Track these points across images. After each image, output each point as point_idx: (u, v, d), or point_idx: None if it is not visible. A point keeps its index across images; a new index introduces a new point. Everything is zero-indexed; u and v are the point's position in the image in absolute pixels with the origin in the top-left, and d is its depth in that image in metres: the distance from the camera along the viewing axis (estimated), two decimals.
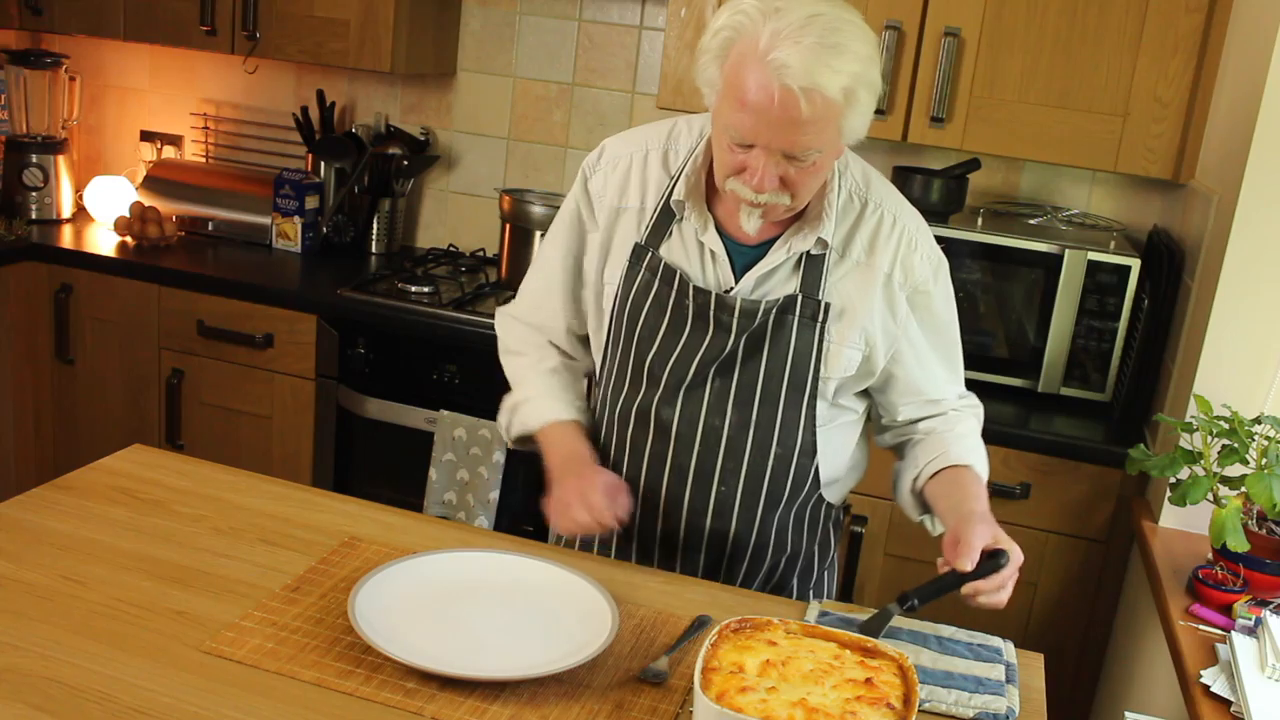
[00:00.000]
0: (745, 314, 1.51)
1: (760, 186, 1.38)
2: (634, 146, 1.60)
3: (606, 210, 1.60)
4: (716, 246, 1.52)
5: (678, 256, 1.55)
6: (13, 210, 3.22)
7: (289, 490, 1.71)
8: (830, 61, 1.28)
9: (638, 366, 1.59)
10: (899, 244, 1.53)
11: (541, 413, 1.67)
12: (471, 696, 1.24)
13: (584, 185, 1.63)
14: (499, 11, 3.16)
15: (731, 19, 1.35)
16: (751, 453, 1.57)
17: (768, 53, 1.29)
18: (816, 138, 1.34)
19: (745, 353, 1.53)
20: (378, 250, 3.24)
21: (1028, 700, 1.35)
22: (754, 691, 1.14)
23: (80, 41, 3.42)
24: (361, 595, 1.35)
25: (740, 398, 1.55)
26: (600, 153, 1.63)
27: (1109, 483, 2.33)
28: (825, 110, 1.31)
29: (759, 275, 1.51)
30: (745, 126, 1.35)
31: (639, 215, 1.58)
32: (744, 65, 1.32)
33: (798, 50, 1.28)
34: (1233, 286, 2.06)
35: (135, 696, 1.18)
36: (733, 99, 1.35)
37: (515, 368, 1.75)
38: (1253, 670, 1.56)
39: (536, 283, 1.72)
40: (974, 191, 2.78)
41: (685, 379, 1.56)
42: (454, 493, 2.68)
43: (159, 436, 2.97)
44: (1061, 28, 2.40)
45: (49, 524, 1.52)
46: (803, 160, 1.36)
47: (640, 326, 1.58)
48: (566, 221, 1.66)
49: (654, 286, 1.55)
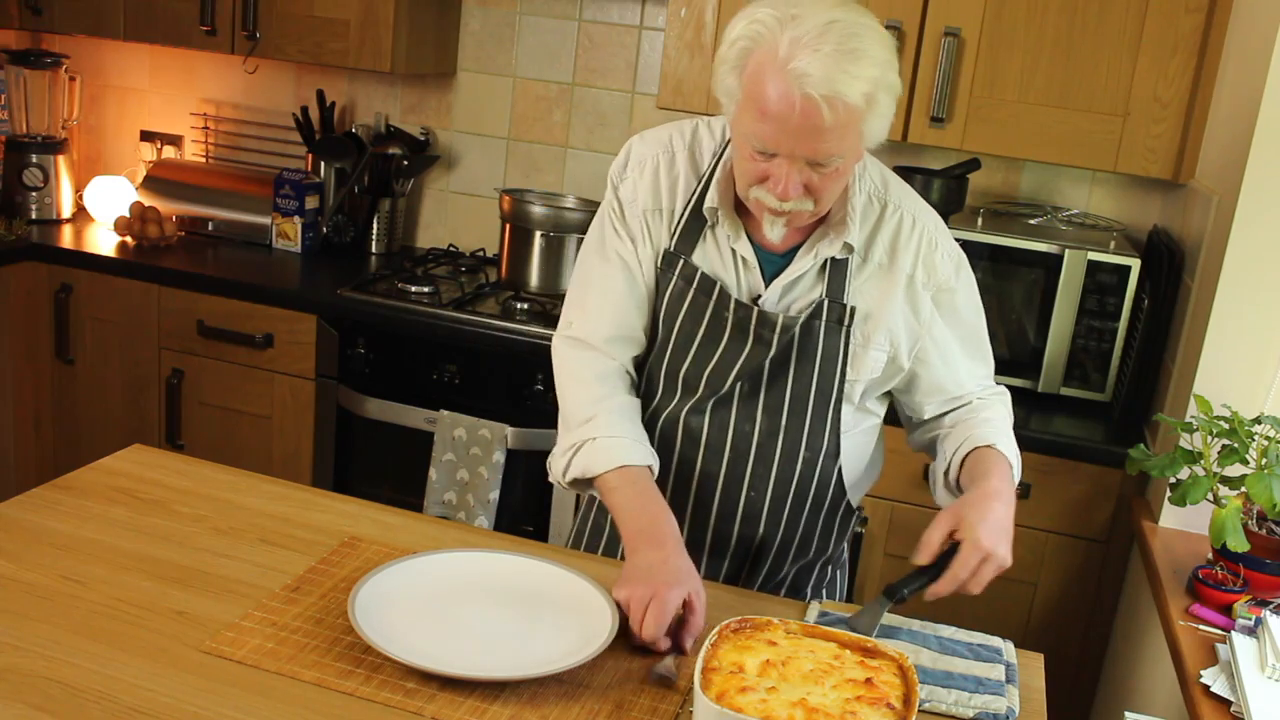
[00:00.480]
0: (786, 329, 1.51)
1: (785, 194, 1.37)
2: (660, 148, 1.58)
3: (639, 215, 1.57)
4: (749, 254, 1.51)
5: (714, 265, 1.54)
6: (13, 210, 3.22)
7: (289, 490, 1.71)
8: (850, 68, 1.28)
9: (671, 375, 1.59)
10: (919, 244, 1.53)
11: (611, 455, 1.50)
12: (471, 696, 1.24)
13: (614, 193, 1.59)
14: (499, 11, 3.16)
15: (749, 28, 1.34)
16: (780, 458, 1.58)
17: (788, 61, 1.29)
18: (839, 144, 1.34)
19: (775, 360, 1.53)
20: (378, 250, 3.24)
21: (1028, 700, 1.35)
22: (754, 691, 1.14)
23: (80, 41, 3.42)
24: (361, 595, 1.35)
25: (770, 404, 1.55)
26: (626, 157, 1.60)
27: (1109, 483, 2.33)
28: (847, 116, 1.31)
29: (785, 283, 1.51)
30: (767, 135, 1.34)
31: (669, 219, 1.56)
32: (763, 74, 1.32)
33: (817, 58, 1.28)
34: (1233, 286, 2.06)
35: (135, 696, 1.18)
36: (753, 109, 1.34)
37: (578, 400, 1.56)
38: (1253, 670, 1.56)
39: (596, 298, 1.58)
40: (974, 191, 2.78)
41: (720, 389, 1.55)
42: (454, 493, 2.68)
43: (159, 436, 2.97)
44: (1061, 28, 2.40)
45: (49, 524, 1.52)
46: (826, 166, 1.36)
47: (675, 335, 1.57)
48: (609, 229, 1.59)
49: (689, 295, 1.54)
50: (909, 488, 2.42)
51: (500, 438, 2.62)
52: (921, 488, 2.42)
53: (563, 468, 1.55)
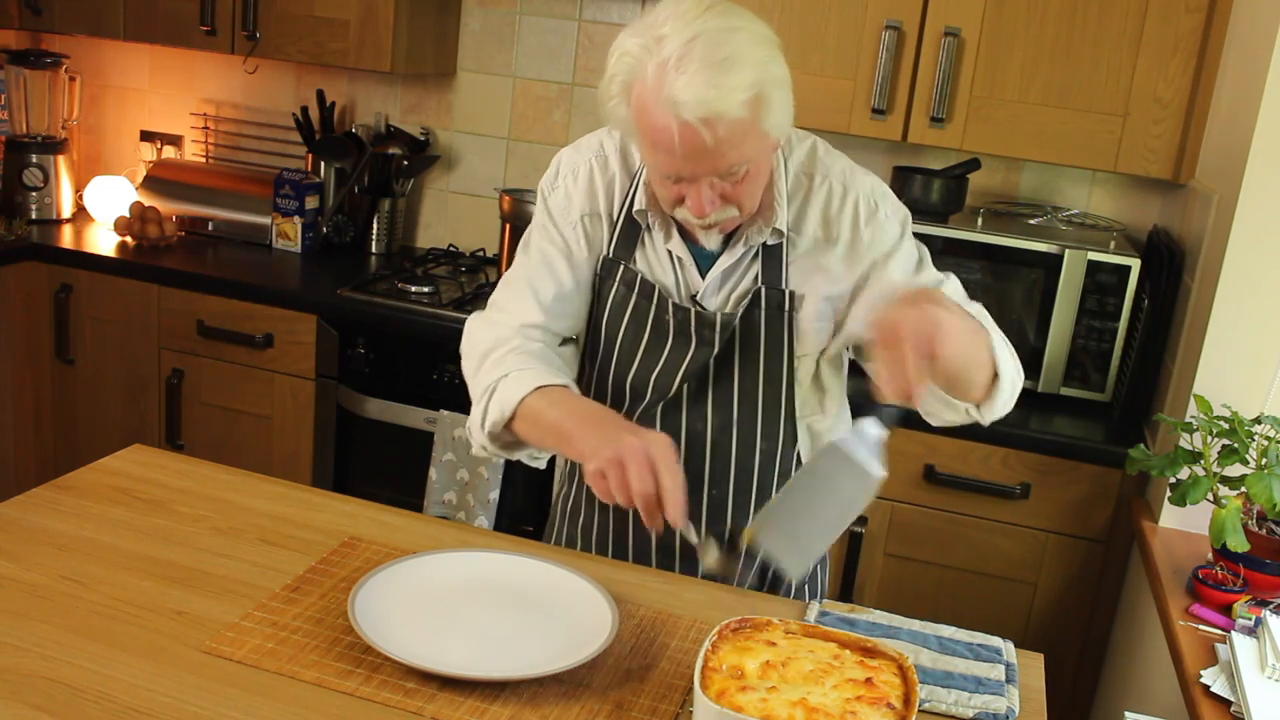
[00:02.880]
0: (726, 325, 1.50)
1: (701, 211, 1.38)
2: (591, 154, 1.56)
3: (572, 224, 1.55)
4: (684, 254, 1.51)
5: (653, 267, 1.54)
6: (13, 210, 3.22)
7: (289, 490, 1.71)
8: (721, 82, 1.25)
9: (618, 382, 1.58)
10: (854, 211, 1.50)
11: (523, 383, 1.43)
12: (471, 696, 1.24)
13: (544, 203, 1.58)
14: (499, 11, 3.16)
15: (620, 62, 1.33)
16: (738, 451, 1.57)
17: (659, 90, 1.27)
18: (737, 153, 1.32)
19: (718, 357, 1.53)
20: (378, 250, 3.24)
21: (1028, 700, 1.35)
22: (754, 691, 1.14)
23: (80, 41, 3.42)
24: (361, 595, 1.35)
25: (719, 399, 1.55)
26: (556, 169, 1.58)
27: (1109, 483, 2.33)
28: (733, 129, 1.29)
29: (722, 270, 1.51)
30: (665, 164, 1.34)
31: (608, 222, 1.55)
32: (643, 107, 1.31)
33: (685, 80, 1.25)
34: (1233, 286, 2.06)
35: (135, 696, 1.18)
36: (645, 141, 1.34)
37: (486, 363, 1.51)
38: (1253, 670, 1.56)
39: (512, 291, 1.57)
40: (974, 191, 2.78)
41: (668, 393, 1.55)
42: (454, 493, 2.68)
43: (159, 436, 2.97)
44: (1061, 28, 2.40)
45: (49, 524, 1.52)
46: (735, 174, 1.35)
47: (620, 341, 1.56)
48: (535, 235, 1.58)
49: (631, 300, 1.54)
50: (909, 487, 2.42)
51: None
52: (921, 487, 2.42)
53: (479, 420, 1.48)
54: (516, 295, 1.55)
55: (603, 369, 1.60)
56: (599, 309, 1.57)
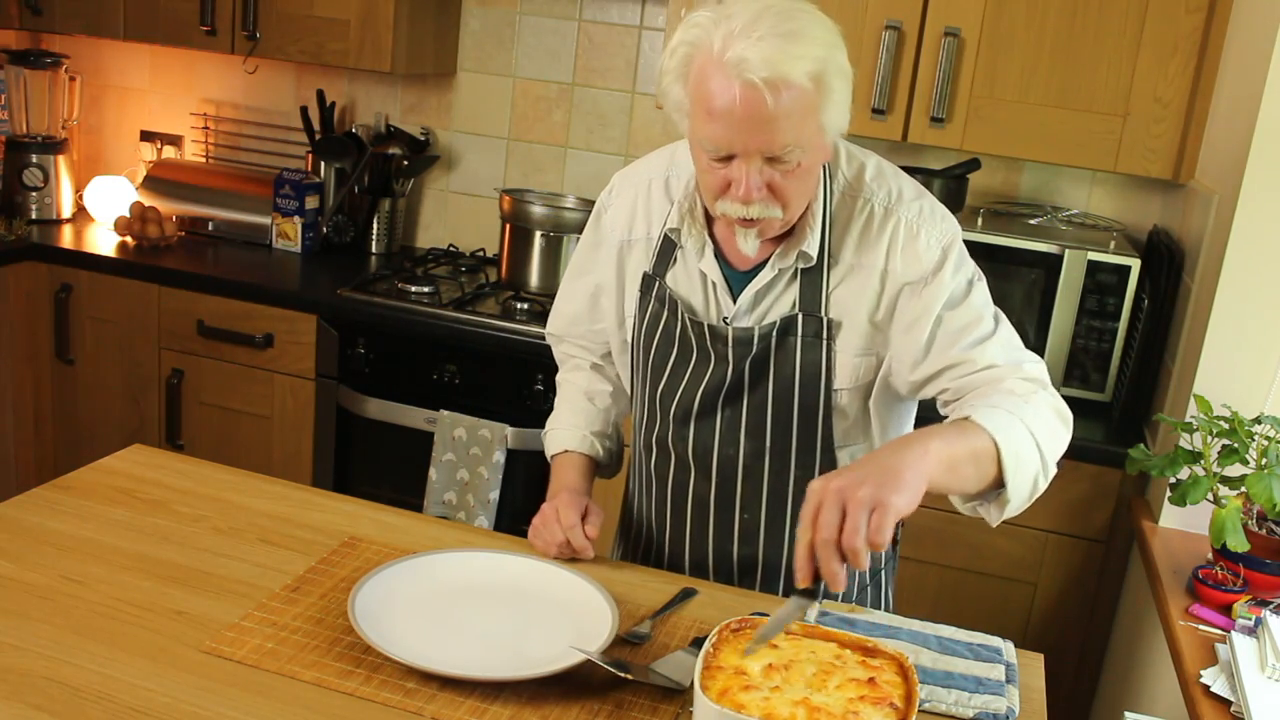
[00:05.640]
0: (740, 342, 1.49)
1: (747, 196, 1.33)
2: (638, 177, 1.61)
3: (617, 245, 1.60)
4: (715, 275, 1.50)
5: (681, 285, 1.54)
6: (13, 210, 3.22)
7: (289, 490, 1.71)
8: (789, 49, 1.25)
9: (652, 398, 1.59)
10: (892, 236, 1.45)
11: (556, 442, 1.72)
12: (471, 696, 1.24)
13: (598, 220, 1.65)
14: (499, 11, 3.16)
15: (685, 34, 1.32)
16: (770, 479, 1.55)
17: (724, 54, 1.26)
18: (793, 133, 1.29)
19: (751, 380, 1.51)
20: (378, 250, 3.24)
21: (1028, 700, 1.35)
22: (758, 690, 1.14)
23: (80, 41, 3.42)
24: (361, 595, 1.35)
25: (751, 424, 1.53)
26: (611, 188, 1.65)
27: (1109, 483, 2.33)
28: (795, 100, 1.27)
29: (756, 290, 1.48)
30: (719, 136, 1.31)
31: (646, 245, 1.57)
32: (704, 75, 1.30)
33: (753, 44, 1.25)
34: (1233, 286, 2.06)
35: (135, 696, 1.18)
36: (701, 112, 1.32)
37: (559, 390, 1.80)
38: (1253, 670, 1.56)
39: (566, 306, 1.75)
40: (974, 191, 2.78)
41: (691, 410, 1.55)
42: (454, 493, 2.68)
43: (159, 436, 2.97)
44: (1061, 28, 2.40)
45: (49, 524, 1.52)
46: (785, 162, 1.32)
47: (654, 357, 1.57)
48: (585, 255, 1.69)
49: (663, 317, 1.55)
50: None
51: (500, 438, 2.62)
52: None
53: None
54: (571, 319, 1.76)
55: (643, 384, 1.62)
56: (639, 327, 1.59)
